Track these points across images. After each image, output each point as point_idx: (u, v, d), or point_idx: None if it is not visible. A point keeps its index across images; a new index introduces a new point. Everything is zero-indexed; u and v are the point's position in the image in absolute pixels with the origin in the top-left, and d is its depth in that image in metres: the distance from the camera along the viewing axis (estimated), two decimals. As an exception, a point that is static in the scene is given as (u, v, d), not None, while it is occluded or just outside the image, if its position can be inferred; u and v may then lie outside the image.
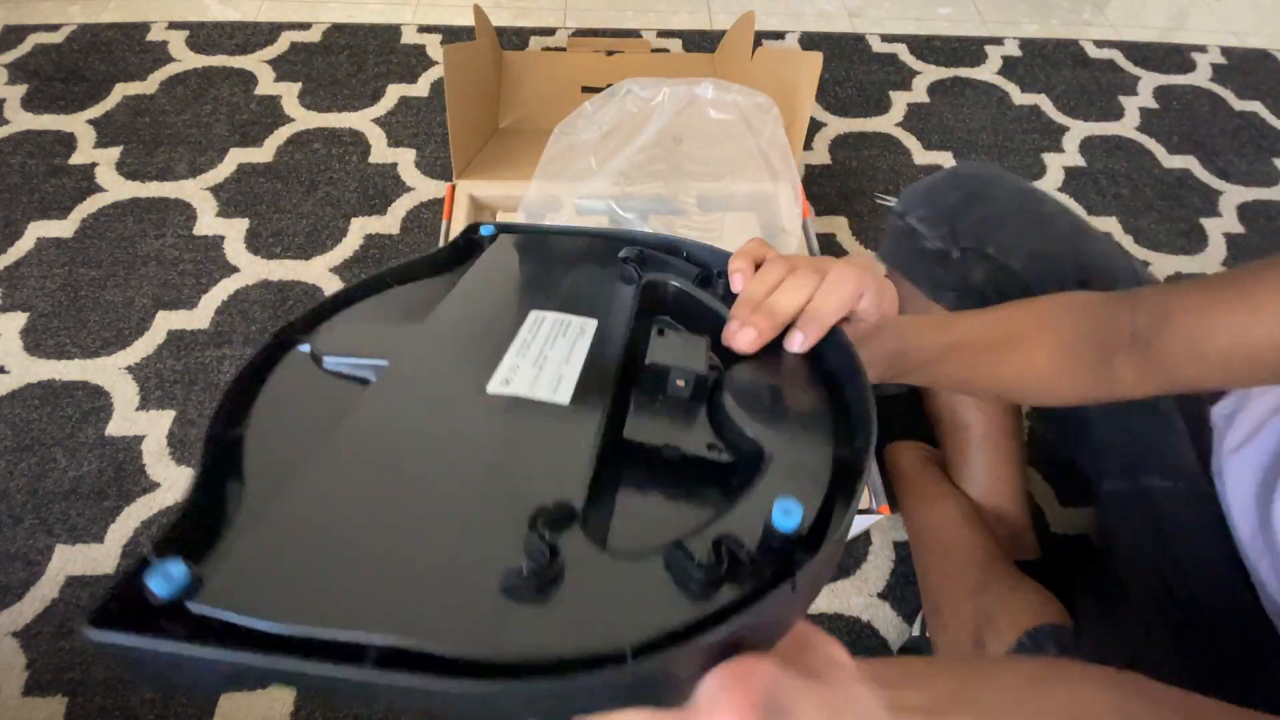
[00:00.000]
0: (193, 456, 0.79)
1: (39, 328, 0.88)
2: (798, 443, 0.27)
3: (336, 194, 1.04)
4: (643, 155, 0.69)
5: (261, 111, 1.13)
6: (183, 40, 1.23)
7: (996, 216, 0.61)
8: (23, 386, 0.83)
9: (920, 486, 0.73)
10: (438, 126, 1.14)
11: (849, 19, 1.41)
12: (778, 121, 0.70)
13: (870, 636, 0.72)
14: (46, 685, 0.66)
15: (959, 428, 0.70)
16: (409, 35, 1.28)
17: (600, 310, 0.34)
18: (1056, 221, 0.61)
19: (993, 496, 0.70)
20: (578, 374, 0.29)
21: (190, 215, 1.00)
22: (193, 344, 0.88)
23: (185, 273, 0.94)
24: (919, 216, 0.64)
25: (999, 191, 0.63)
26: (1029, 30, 1.42)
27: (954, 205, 0.62)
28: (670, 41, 1.32)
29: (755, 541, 0.22)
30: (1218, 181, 1.16)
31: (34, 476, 0.77)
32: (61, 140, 1.07)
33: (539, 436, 0.26)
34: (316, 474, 0.24)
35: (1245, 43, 1.43)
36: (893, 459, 0.77)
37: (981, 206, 0.62)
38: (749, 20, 0.94)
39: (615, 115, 0.67)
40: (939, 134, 1.19)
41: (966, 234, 0.61)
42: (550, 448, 0.26)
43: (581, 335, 0.32)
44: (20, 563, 0.72)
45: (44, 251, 0.95)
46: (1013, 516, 0.70)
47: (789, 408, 0.30)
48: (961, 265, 0.61)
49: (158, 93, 1.15)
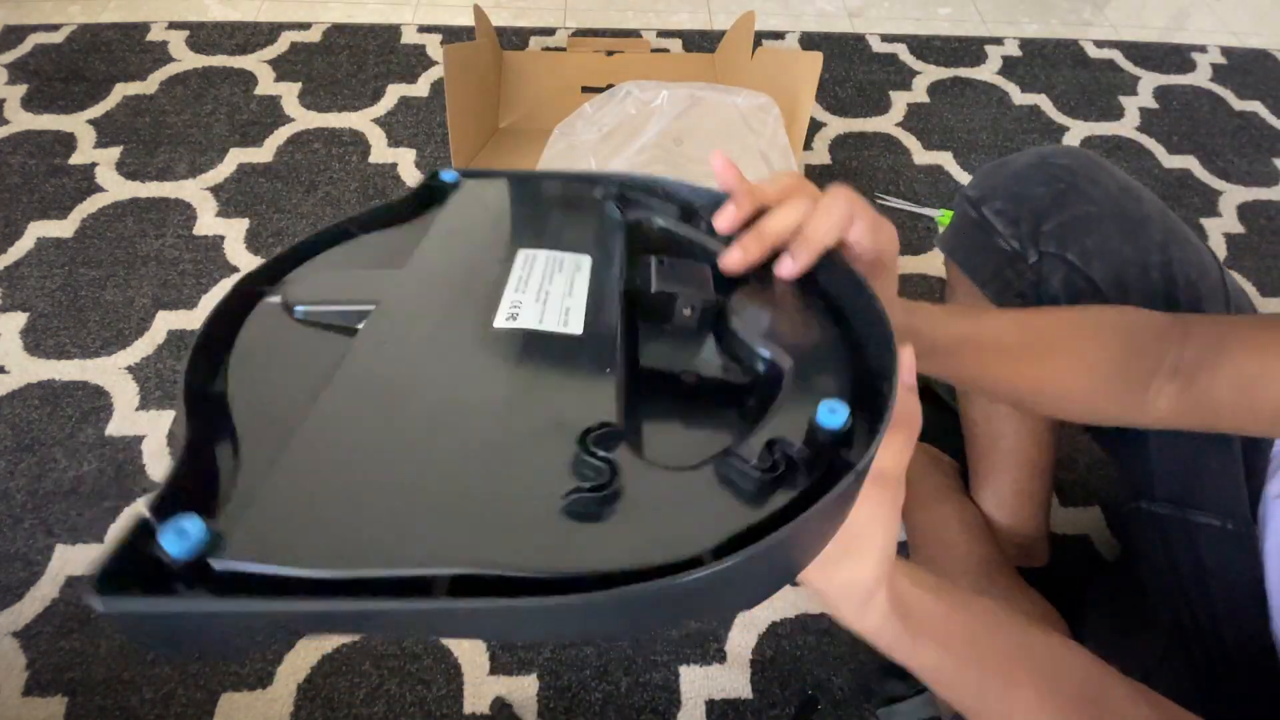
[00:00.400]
0: (193, 456, 0.79)
1: (39, 328, 0.88)
2: (816, 356, 0.27)
3: (336, 194, 1.04)
4: (642, 156, 0.69)
5: (261, 111, 1.13)
6: (183, 40, 1.23)
7: (1088, 218, 0.53)
8: (23, 386, 0.83)
9: (922, 489, 0.72)
10: (438, 126, 1.14)
11: (849, 19, 1.41)
12: (778, 121, 0.70)
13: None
14: (46, 685, 0.66)
15: (991, 437, 0.65)
16: (409, 35, 1.28)
17: (588, 248, 0.34)
18: (1151, 227, 0.54)
19: (1012, 512, 0.66)
20: (584, 306, 0.29)
21: (190, 215, 1.00)
22: (193, 344, 0.88)
23: (185, 273, 0.94)
24: (996, 209, 0.55)
25: (1095, 189, 0.54)
26: (1029, 30, 1.42)
27: (1041, 201, 0.54)
28: (670, 41, 1.32)
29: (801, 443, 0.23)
30: (1218, 181, 1.16)
31: (34, 476, 0.77)
32: (61, 140, 1.07)
33: (560, 366, 0.27)
34: (329, 417, 0.24)
35: (1245, 43, 1.43)
36: (895, 460, 0.76)
37: (1073, 205, 0.53)
38: (749, 20, 0.94)
39: (615, 117, 0.67)
40: (939, 134, 1.19)
41: (1051, 236, 0.53)
42: (575, 375, 0.26)
43: (579, 270, 0.32)
44: (20, 563, 0.72)
45: (44, 251, 0.95)
46: (1030, 530, 0.67)
47: (800, 326, 0.30)
48: (1038, 270, 0.54)
49: (158, 93, 1.15)
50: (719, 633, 0.71)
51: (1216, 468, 0.51)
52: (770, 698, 0.68)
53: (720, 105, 0.69)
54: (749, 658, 0.70)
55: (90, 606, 0.17)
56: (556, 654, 0.69)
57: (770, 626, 0.72)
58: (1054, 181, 0.54)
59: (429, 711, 0.66)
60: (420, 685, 0.67)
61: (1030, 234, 0.54)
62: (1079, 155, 0.56)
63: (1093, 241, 0.53)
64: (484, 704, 0.66)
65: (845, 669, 0.70)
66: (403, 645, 0.69)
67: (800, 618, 0.72)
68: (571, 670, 0.68)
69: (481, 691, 0.67)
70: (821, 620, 0.72)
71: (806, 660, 0.70)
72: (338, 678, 0.67)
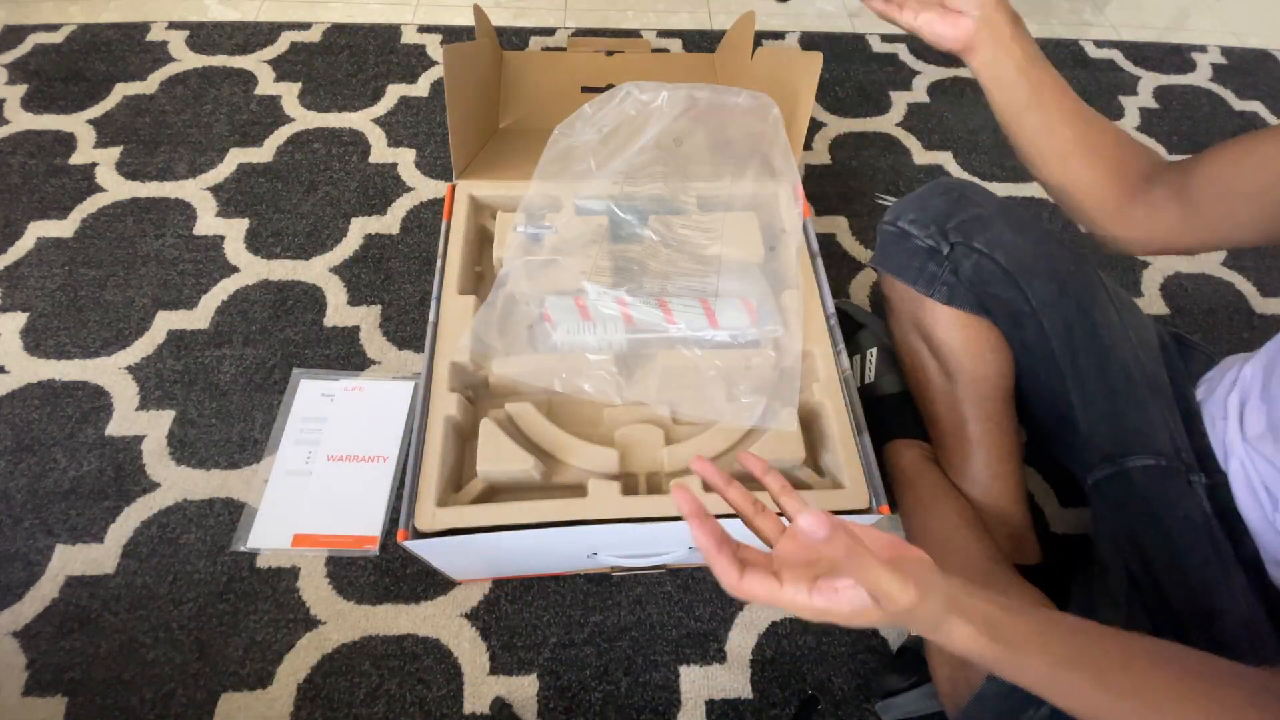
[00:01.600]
0: (192, 456, 0.79)
1: (39, 328, 0.88)
2: None
3: (336, 194, 1.04)
4: (642, 157, 0.69)
5: (261, 111, 1.13)
6: (183, 40, 1.23)
7: (982, 217, 0.67)
8: (23, 386, 0.83)
9: (919, 487, 0.73)
10: (438, 126, 1.14)
11: (849, 19, 1.41)
12: (778, 121, 0.70)
13: (870, 635, 0.72)
14: (46, 685, 0.66)
15: (956, 424, 0.71)
16: (409, 35, 1.28)
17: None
18: (1029, 227, 0.68)
19: (992, 495, 0.70)
20: None
21: (190, 215, 1.00)
22: (193, 344, 0.88)
23: (185, 273, 0.94)
24: (910, 220, 0.69)
25: (981, 197, 0.69)
26: (1029, 30, 1.42)
27: (942, 207, 0.68)
28: (670, 41, 1.32)
29: None
30: (1218, 182, 1.16)
31: (34, 476, 0.77)
32: (61, 140, 1.07)
33: None
34: None
35: (1245, 43, 1.43)
36: (892, 458, 0.77)
37: (968, 208, 0.67)
38: (749, 20, 0.94)
39: (615, 117, 0.67)
40: (939, 134, 1.19)
41: (956, 231, 0.66)
42: None
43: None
44: (20, 563, 0.72)
45: (44, 251, 0.95)
46: (1013, 516, 0.70)
47: None
48: (952, 259, 0.66)
49: (158, 93, 1.15)
50: (719, 633, 0.71)
51: (1133, 413, 0.60)
52: (770, 698, 0.68)
53: (720, 105, 0.69)
54: (749, 658, 0.70)
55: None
56: (556, 654, 0.69)
57: (770, 626, 0.72)
58: (949, 192, 0.69)
59: (429, 711, 0.66)
60: (420, 685, 0.67)
61: (939, 231, 0.67)
62: (963, 181, 0.72)
63: (991, 234, 0.65)
64: (484, 704, 0.66)
65: (845, 669, 0.70)
66: (403, 645, 0.69)
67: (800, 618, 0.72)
68: (571, 670, 0.68)
69: (481, 691, 0.67)
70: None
71: (806, 660, 0.70)
72: (338, 678, 0.67)
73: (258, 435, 0.81)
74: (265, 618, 0.70)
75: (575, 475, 0.61)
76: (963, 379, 0.69)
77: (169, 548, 0.73)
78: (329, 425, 0.82)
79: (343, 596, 0.71)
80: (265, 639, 0.69)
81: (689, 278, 0.69)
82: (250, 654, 0.68)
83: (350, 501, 0.76)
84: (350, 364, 0.87)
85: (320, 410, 0.83)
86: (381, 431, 0.81)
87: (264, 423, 0.82)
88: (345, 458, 0.80)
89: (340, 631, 0.70)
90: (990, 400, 0.69)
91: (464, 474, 0.63)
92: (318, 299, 0.93)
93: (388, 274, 0.96)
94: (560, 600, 0.72)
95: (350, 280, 0.95)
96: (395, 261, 0.97)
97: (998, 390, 0.69)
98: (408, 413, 0.83)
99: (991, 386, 0.69)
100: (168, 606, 0.70)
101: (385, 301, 0.93)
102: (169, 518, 0.75)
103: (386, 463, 0.79)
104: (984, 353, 0.69)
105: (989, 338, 0.68)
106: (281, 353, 0.88)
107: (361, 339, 0.89)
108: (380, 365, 0.87)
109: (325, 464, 0.79)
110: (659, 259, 0.70)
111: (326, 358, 0.87)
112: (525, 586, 0.73)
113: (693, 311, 0.66)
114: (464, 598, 0.72)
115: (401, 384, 0.85)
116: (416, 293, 0.94)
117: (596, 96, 0.68)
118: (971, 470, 0.71)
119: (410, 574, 0.73)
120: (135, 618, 0.69)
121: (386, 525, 0.75)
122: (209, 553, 0.73)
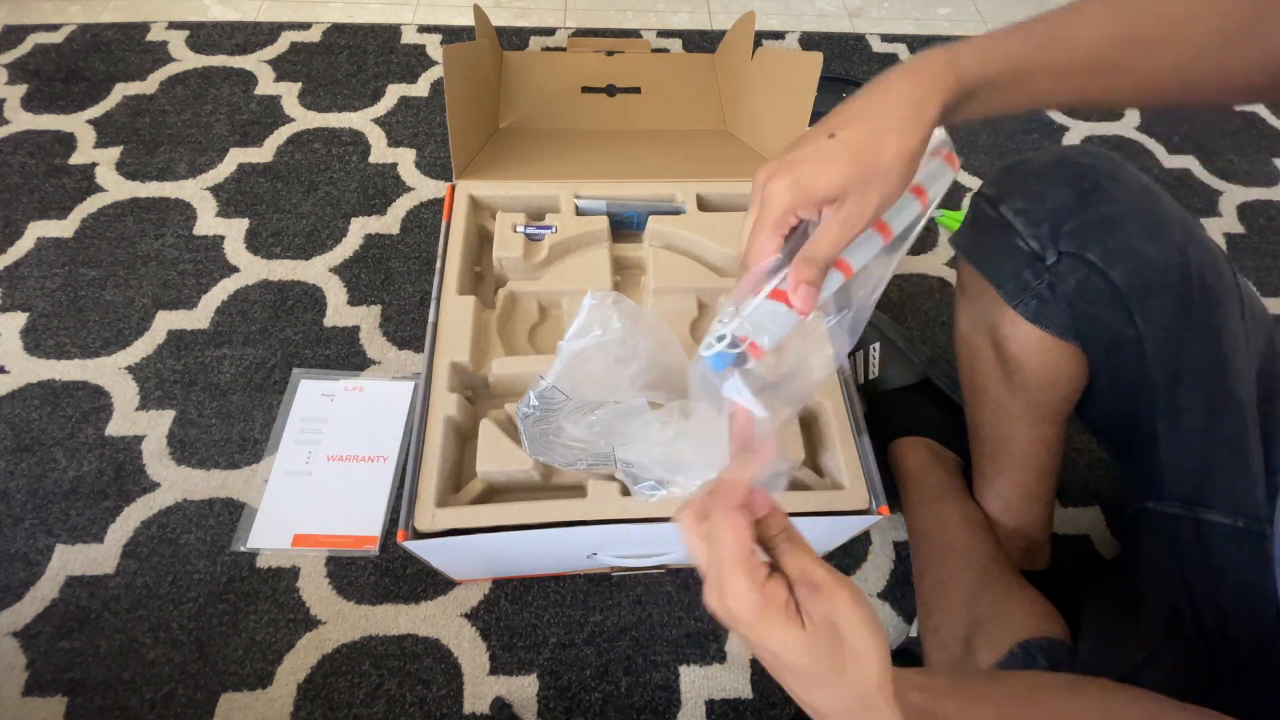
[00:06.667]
0: (192, 456, 0.79)
1: (39, 328, 0.88)
2: None
3: (336, 194, 1.04)
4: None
5: (261, 111, 1.13)
6: (183, 40, 1.23)
7: (1111, 219, 0.52)
8: (23, 386, 0.83)
9: (924, 486, 0.72)
10: (438, 126, 1.14)
11: (849, 19, 1.41)
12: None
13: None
14: (46, 685, 0.66)
15: (1000, 440, 0.65)
16: (409, 35, 1.28)
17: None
18: (1171, 227, 0.52)
19: (1017, 514, 0.66)
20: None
21: (190, 215, 1.00)
22: (193, 344, 0.88)
23: (185, 273, 0.94)
24: (1016, 208, 0.54)
25: (1118, 188, 0.53)
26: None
27: (1063, 202, 0.53)
28: (670, 41, 1.32)
29: None
30: (1218, 181, 1.16)
31: (34, 476, 0.77)
32: (61, 140, 1.07)
33: None
34: None
35: (1245, 43, 1.43)
36: (897, 456, 0.76)
37: (1097, 205, 0.52)
38: (749, 20, 0.94)
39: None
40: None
41: (1071, 237, 0.52)
42: None
43: None
44: (20, 563, 0.72)
45: (44, 251, 0.95)
46: (1033, 532, 0.67)
47: None
48: (1054, 271, 0.53)
49: (158, 93, 1.15)
50: (719, 633, 0.71)
51: (1229, 466, 0.50)
52: (770, 698, 0.68)
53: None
54: (749, 658, 0.70)
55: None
56: (556, 654, 0.69)
57: (770, 626, 0.72)
58: (1078, 181, 0.53)
59: (429, 711, 0.66)
60: (420, 685, 0.67)
61: (1051, 234, 0.52)
62: (1101, 155, 0.55)
63: (1116, 242, 0.51)
64: (484, 704, 0.66)
65: (845, 669, 0.70)
66: (403, 645, 0.69)
67: (800, 618, 0.72)
68: (571, 670, 0.68)
69: (481, 691, 0.67)
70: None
71: (806, 660, 0.70)
72: (338, 678, 0.67)
73: (258, 435, 0.81)
74: (265, 618, 0.70)
75: (575, 476, 0.61)
76: (1024, 398, 0.60)
77: (169, 548, 0.73)
78: (329, 425, 0.82)
79: (343, 596, 0.71)
80: (265, 639, 0.69)
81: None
82: (250, 654, 0.68)
83: (350, 501, 0.76)
84: (350, 364, 0.87)
85: (320, 410, 0.83)
86: (381, 432, 0.81)
87: (264, 423, 0.82)
88: (345, 458, 0.80)
89: (340, 631, 0.70)
90: (1047, 423, 0.62)
91: (464, 474, 0.63)
92: (318, 299, 0.93)
93: (388, 274, 0.96)
94: (560, 600, 0.72)
95: (350, 280, 0.95)
96: (395, 261, 0.97)
97: (1058, 415, 0.61)
98: (408, 413, 0.83)
99: (1053, 411, 0.61)
100: (168, 606, 0.70)
101: (385, 301, 0.93)
102: (169, 518, 0.75)
103: (386, 463, 0.79)
104: (1057, 380, 0.58)
105: (1069, 367, 0.57)
106: (281, 353, 0.88)
107: (361, 339, 0.89)
108: (380, 365, 0.87)
109: (325, 464, 0.79)
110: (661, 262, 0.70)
111: (326, 358, 0.87)
112: (525, 586, 0.73)
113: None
114: (464, 598, 0.72)
115: (401, 384, 0.85)
116: (416, 293, 0.94)
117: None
118: (1002, 487, 0.66)
119: (410, 574, 0.73)
120: (135, 618, 0.69)
121: (386, 525, 0.75)
122: (209, 553, 0.73)
